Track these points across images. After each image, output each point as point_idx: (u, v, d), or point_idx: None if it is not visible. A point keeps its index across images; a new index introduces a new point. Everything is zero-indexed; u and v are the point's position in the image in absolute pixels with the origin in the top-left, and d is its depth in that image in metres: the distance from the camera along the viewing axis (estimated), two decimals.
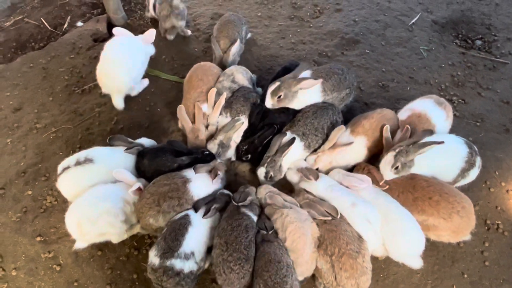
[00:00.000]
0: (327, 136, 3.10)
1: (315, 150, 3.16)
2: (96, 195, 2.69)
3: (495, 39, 4.31)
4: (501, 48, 4.22)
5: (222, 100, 3.25)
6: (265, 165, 3.00)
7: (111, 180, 2.81)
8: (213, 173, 2.83)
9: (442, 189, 2.67)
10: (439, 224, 2.60)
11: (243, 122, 3.23)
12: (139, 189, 2.74)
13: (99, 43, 4.41)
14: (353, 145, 3.02)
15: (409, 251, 2.60)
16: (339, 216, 2.59)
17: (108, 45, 3.55)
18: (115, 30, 3.63)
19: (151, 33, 3.69)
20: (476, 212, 3.02)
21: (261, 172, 3.03)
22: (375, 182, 2.85)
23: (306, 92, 3.15)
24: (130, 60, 3.53)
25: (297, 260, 2.50)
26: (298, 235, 2.53)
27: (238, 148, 3.22)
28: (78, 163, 2.83)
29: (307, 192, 2.89)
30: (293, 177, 3.10)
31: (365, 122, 3.07)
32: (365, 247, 2.51)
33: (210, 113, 3.29)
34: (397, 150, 2.73)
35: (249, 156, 3.16)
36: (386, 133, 2.98)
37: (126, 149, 2.94)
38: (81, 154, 2.89)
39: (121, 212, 2.69)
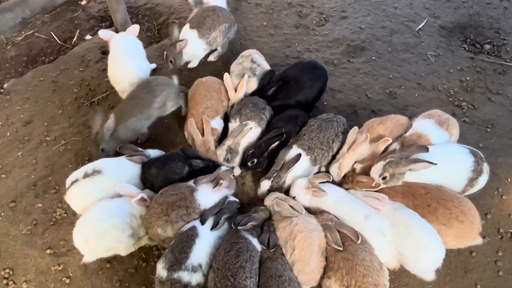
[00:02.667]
0: (332, 149, 3.11)
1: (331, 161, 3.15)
2: (103, 210, 2.71)
3: (504, 43, 4.25)
4: (511, 52, 4.15)
5: (244, 81, 3.39)
6: (271, 179, 2.98)
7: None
8: (215, 181, 2.82)
9: (440, 195, 2.67)
10: (440, 230, 2.57)
11: (252, 128, 3.22)
12: (143, 199, 2.74)
13: (107, 56, 4.47)
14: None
15: (429, 265, 2.55)
16: (359, 241, 2.48)
17: (112, 45, 3.78)
18: (100, 32, 3.83)
19: (134, 28, 3.89)
20: (488, 220, 3.00)
21: (265, 184, 3.00)
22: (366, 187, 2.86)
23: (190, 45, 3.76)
24: (134, 52, 3.75)
25: (303, 269, 2.48)
26: (306, 245, 2.51)
27: (244, 153, 3.21)
28: (86, 176, 2.85)
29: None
30: (304, 199, 2.95)
31: (380, 128, 3.08)
32: (385, 279, 2.40)
33: (232, 95, 3.45)
34: (387, 160, 2.70)
35: (255, 160, 3.12)
36: (352, 135, 3.00)
37: (127, 156, 2.96)
38: (89, 167, 2.92)
39: (128, 227, 2.70)
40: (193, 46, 3.85)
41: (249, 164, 3.16)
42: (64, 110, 3.95)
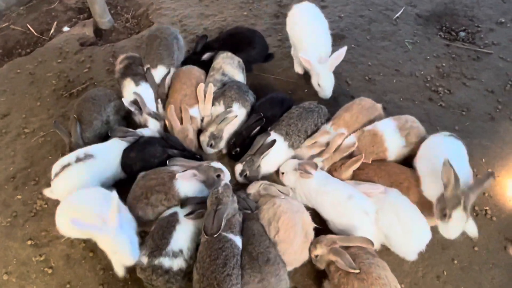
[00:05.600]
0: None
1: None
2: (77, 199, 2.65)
3: (478, 30, 4.37)
4: (484, 38, 4.28)
5: (210, 91, 3.27)
6: (243, 162, 3.00)
7: (112, 173, 2.96)
8: (188, 169, 2.74)
9: (412, 176, 2.79)
10: None
11: (237, 115, 3.23)
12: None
13: (86, 47, 4.42)
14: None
15: (415, 250, 2.62)
16: (375, 247, 2.42)
17: None
18: None
19: None
20: None
21: (237, 169, 3.03)
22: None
23: None
24: None
25: (286, 250, 2.52)
26: (290, 225, 2.54)
27: (228, 143, 3.24)
28: (79, 160, 2.84)
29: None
30: (290, 179, 3.02)
31: (346, 115, 3.13)
32: None
33: (202, 108, 3.32)
34: (463, 204, 2.34)
35: (238, 150, 3.16)
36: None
37: (120, 136, 2.99)
38: (80, 151, 2.91)
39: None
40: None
41: (233, 153, 3.21)
42: (43, 102, 3.89)
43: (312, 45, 3.46)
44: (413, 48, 4.21)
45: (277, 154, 3.06)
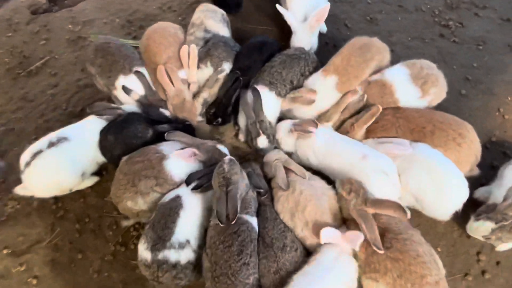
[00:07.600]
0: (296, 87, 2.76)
1: None
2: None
3: None
4: None
5: (194, 53, 2.78)
6: (261, 132, 2.59)
7: (93, 157, 2.61)
8: (187, 149, 2.40)
9: (434, 117, 2.45)
10: None
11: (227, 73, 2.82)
12: None
13: (39, 16, 3.80)
14: (323, 86, 2.67)
15: (452, 210, 2.27)
16: (409, 215, 2.06)
17: None
18: None
19: None
20: (493, 144, 2.80)
21: (262, 141, 2.61)
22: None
23: None
24: None
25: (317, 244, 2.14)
26: (319, 214, 2.15)
27: (206, 112, 2.83)
28: (52, 145, 2.47)
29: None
30: (288, 143, 2.67)
31: (336, 59, 2.68)
32: (442, 269, 1.98)
33: (187, 73, 2.84)
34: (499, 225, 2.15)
35: (220, 120, 2.78)
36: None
37: (95, 113, 2.59)
38: (51, 136, 2.54)
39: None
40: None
41: (214, 123, 2.83)
42: None
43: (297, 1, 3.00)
44: None
45: (268, 106, 2.65)
